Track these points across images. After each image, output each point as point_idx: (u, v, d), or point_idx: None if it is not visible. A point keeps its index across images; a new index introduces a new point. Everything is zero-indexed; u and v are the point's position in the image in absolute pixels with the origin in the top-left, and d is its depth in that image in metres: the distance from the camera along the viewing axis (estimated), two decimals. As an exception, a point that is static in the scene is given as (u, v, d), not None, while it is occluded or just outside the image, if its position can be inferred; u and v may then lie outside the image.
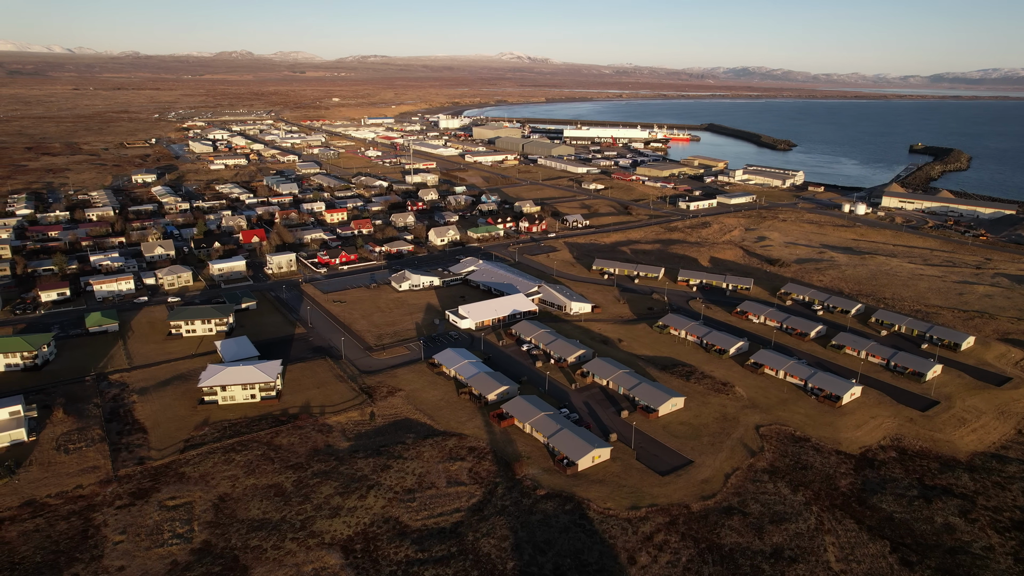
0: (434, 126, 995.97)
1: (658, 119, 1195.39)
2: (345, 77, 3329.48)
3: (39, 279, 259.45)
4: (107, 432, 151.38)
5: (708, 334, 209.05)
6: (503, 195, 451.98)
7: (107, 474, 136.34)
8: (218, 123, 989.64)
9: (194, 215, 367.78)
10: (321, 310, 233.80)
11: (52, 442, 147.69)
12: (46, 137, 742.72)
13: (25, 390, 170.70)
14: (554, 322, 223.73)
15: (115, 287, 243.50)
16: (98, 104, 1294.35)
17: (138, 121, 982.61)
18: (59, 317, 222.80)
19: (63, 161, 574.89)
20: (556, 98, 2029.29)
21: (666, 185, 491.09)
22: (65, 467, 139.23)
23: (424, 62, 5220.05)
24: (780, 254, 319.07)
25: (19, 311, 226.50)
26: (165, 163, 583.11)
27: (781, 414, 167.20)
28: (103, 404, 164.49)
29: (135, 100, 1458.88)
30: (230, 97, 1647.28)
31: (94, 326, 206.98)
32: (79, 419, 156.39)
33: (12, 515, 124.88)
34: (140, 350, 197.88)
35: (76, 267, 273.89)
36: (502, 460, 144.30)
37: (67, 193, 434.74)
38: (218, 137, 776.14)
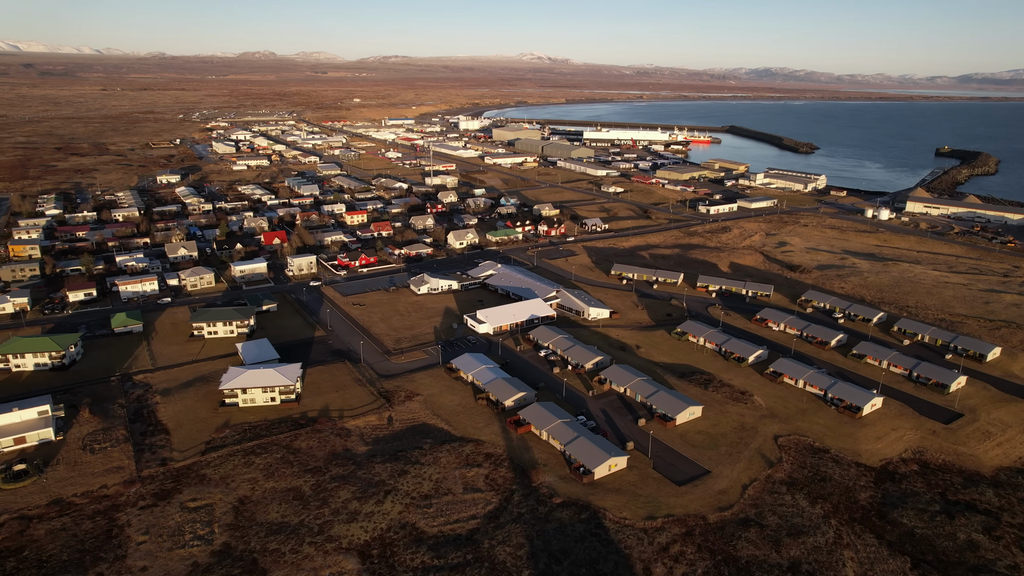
0: (454, 127, 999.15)
1: (679, 121, 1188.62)
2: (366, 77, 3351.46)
3: (67, 279, 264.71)
4: (131, 433, 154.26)
5: (727, 341, 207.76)
6: (522, 198, 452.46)
7: (131, 474, 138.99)
8: (241, 124, 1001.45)
9: (217, 216, 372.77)
10: (341, 313, 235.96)
11: (78, 442, 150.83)
12: (75, 138, 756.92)
13: (53, 389, 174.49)
14: (572, 327, 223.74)
15: (140, 288, 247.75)
16: (125, 105, 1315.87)
17: (163, 122, 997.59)
18: (86, 317, 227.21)
19: (91, 162, 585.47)
20: (576, 99, 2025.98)
21: (686, 188, 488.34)
22: (91, 467, 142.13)
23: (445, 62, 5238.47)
24: (801, 260, 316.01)
25: (48, 311, 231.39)
26: (189, 164, 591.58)
27: (800, 424, 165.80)
28: (127, 404, 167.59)
29: (161, 100, 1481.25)
30: (253, 97, 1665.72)
31: (119, 327, 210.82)
32: (104, 419, 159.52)
33: (40, 513, 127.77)
34: (163, 351, 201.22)
35: (102, 267, 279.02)
36: (519, 467, 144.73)
37: (94, 193, 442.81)
38: (241, 138, 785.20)
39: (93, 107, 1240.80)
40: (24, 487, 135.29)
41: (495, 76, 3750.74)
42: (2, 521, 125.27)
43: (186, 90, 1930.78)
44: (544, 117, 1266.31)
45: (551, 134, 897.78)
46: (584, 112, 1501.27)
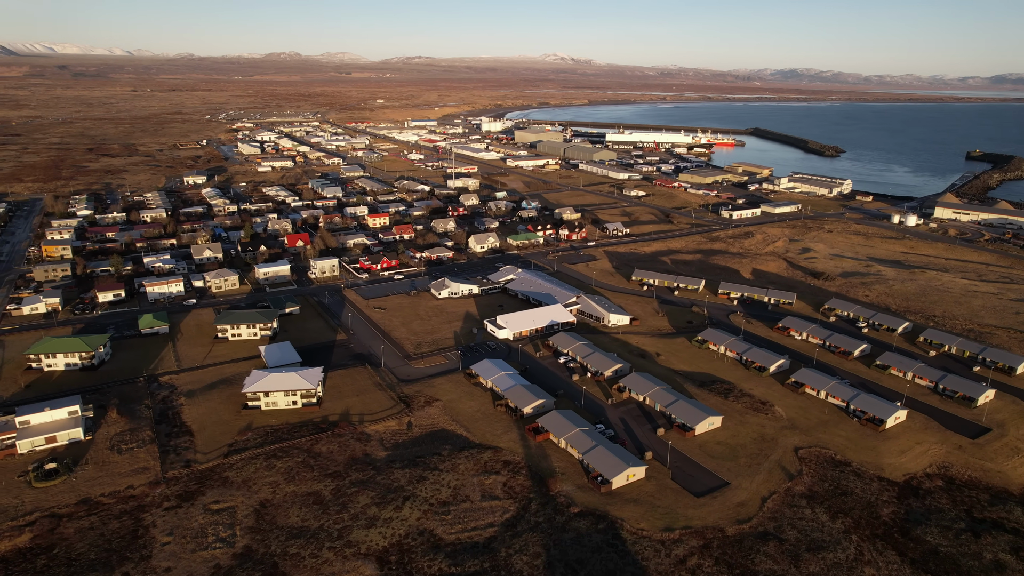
0: (476, 129, 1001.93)
1: (702, 123, 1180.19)
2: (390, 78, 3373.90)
3: (97, 280, 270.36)
4: (156, 434, 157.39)
5: (748, 350, 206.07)
6: (544, 201, 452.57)
7: (156, 475, 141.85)
8: (266, 124, 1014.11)
9: (241, 218, 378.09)
10: (362, 316, 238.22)
11: (106, 442, 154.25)
12: (106, 138, 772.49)
13: (83, 389, 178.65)
14: (592, 334, 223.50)
15: (166, 289, 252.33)
16: (154, 106, 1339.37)
17: (191, 122, 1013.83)
18: (114, 318, 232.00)
19: (121, 162, 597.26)
20: (599, 100, 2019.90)
21: (709, 192, 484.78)
22: (118, 467, 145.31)
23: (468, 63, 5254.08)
24: (825, 267, 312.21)
25: (79, 311, 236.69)
26: (215, 164, 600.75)
27: (821, 436, 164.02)
28: (153, 406, 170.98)
29: (188, 101, 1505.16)
30: (278, 98, 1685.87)
31: (146, 328, 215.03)
32: (131, 420, 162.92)
33: (69, 512, 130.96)
34: (188, 353, 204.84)
35: (130, 268, 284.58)
36: (536, 475, 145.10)
37: (124, 194, 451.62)
38: (266, 139, 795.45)
39: (123, 108, 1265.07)
40: (55, 486, 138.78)
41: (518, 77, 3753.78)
42: (34, 519, 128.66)
43: (213, 91, 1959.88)
44: (566, 119, 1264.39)
45: (573, 136, 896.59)
46: (607, 114, 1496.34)
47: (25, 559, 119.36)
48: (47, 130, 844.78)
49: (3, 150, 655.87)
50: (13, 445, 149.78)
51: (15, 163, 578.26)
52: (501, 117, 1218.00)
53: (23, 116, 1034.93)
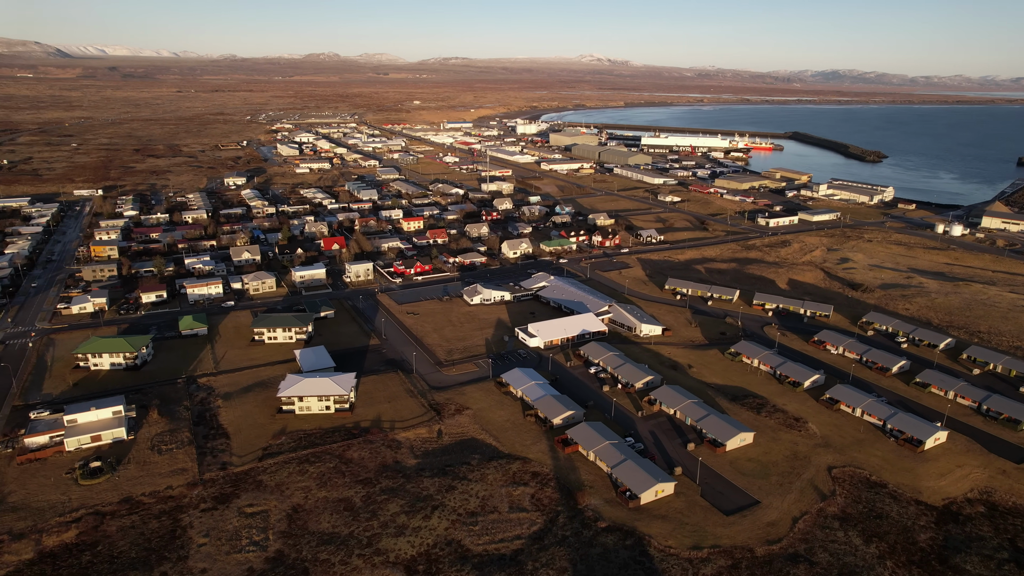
0: (511, 131, 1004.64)
1: (740, 126, 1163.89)
2: (427, 79, 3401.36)
3: (141, 280, 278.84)
4: (194, 435, 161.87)
5: (782, 364, 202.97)
6: (577, 205, 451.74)
7: (194, 477, 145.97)
8: (304, 125, 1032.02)
9: (280, 220, 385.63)
10: (395, 321, 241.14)
11: (147, 442, 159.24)
12: (152, 139, 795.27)
13: (126, 389, 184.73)
14: (623, 344, 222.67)
15: (206, 291, 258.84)
16: (198, 106, 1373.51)
17: (232, 123, 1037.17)
18: (156, 318, 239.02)
19: (165, 163, 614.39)
20: (635, 102, 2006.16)
21: (745, 199, 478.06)
22: (158, 467, 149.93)
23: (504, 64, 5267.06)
24: (864, 278, 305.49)
25: (123, 311, 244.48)
26: (255, 165, 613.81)
27: (856, 456, 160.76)
28: (192, 407, 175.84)
29: (230, 102, 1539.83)
30: (317, 99, 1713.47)
31: (186, 329, 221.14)
32: (171, 421, 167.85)
33: (112, 510, 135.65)
34: (226, 355, 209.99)
35: (172, 269, 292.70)
36: (565, 488, 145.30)
37: (167, 195, 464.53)
38: (304, 140, 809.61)
39: (169, 109, 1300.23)
40: (99, 484, 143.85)
41: (554, 78, 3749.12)
42: (79, 516, 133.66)
43: (254, 91, 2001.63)
44: (602, 121, 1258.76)
45: (608, 139, 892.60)
46: (643, 116, 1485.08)
47: (71, 555, 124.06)
48: (97, 131, 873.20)
49: (57, 150, 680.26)
50: (61, 443, 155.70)
51: (68, 163, 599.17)
52: (536, 119, 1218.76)
53: (76, 117, 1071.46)
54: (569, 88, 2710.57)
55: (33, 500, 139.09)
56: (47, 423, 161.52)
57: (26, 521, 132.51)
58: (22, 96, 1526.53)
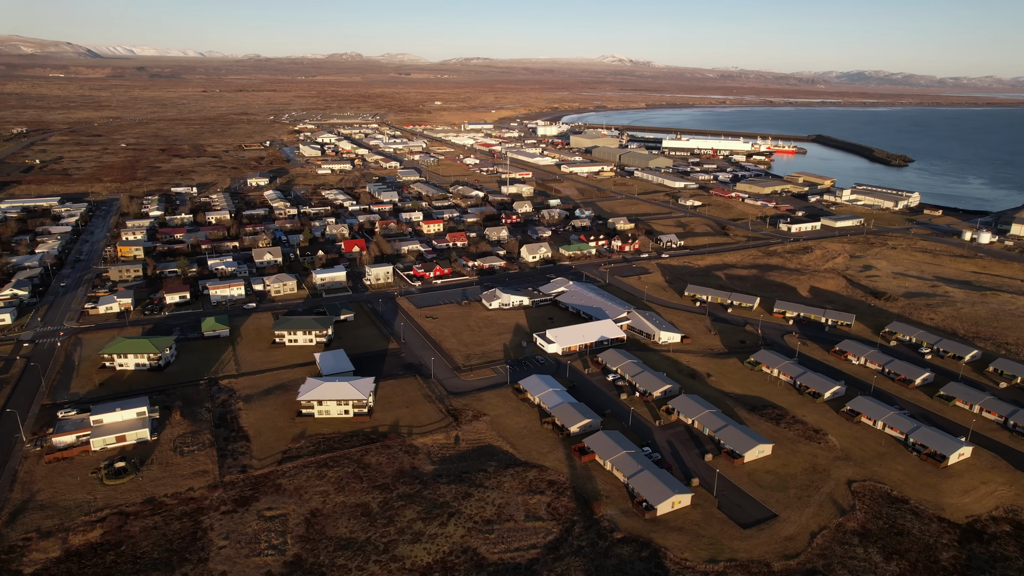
0: (532, 133, 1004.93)
1: (762, 128, 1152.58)
2: (448, 79, 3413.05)
3: (165, 281, 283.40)
4: (215, 437, 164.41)
5: (802, 375, 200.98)
6: (597, 209, 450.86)
7: (214, 479, 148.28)
8: (326, 126, 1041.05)
9: (301, 221, 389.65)
10: (414, 325, 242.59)
11: (170, 443, 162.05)
12: (177, 139, 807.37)
13: (150, 389, 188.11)
14: (641, 351, 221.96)
15: (228, 292, 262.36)
16: (222, 106, 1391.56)
17: (255, 123, 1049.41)
18: (180, 319, 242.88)
19: (190, 163, 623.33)
20: (656, 104, 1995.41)
21: (767, 204, 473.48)
22: (180, 469, 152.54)
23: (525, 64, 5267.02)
24: (887, 286, 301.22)
25: (148, 311, 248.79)
26: (277, 166, 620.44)
27: (877, 470, 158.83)
28: (213, 409, 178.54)
29: (254, 102, 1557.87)
30: (339, 99, 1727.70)
31: (209, 331, 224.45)
32: (193, 422, 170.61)
33: (136, 511, 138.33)
34: (247, 357, 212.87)
35: (195, 271, 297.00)
36: (581, 497, 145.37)
37: (191, 195, 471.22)
38: (326, 141, 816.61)
39: (194, 108, 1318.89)
40: (123, 484, 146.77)
41: (575, 79, 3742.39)
42: (104, 516, 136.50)
43: (277, 91, 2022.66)
44: (623, 123, 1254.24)
45: (629, 141, 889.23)
46: (664, 118, 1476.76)
47: (96, 554, 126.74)
48: (125, 131, 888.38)
49: (86, 150, 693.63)
50: (87, 442, 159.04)
51: (96, 163, 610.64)
52: (557, 121, 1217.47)
53: (104, 117, 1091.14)
54: (590, 89, 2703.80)
55: (60, 499, 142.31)
56: (74, 423, 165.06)
57: (53, 519, 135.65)
58: (54, 96, 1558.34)
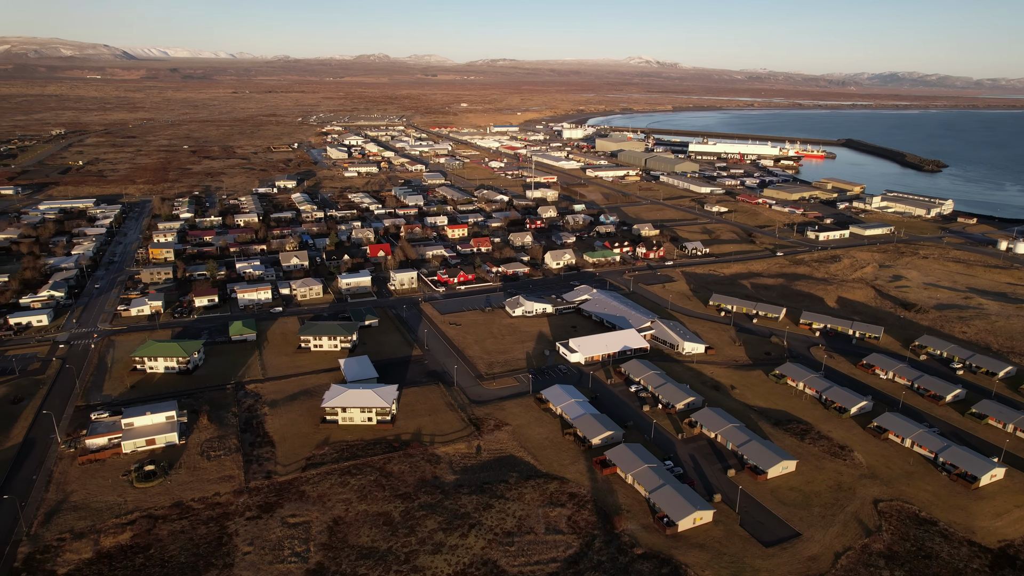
0: (557, 136, 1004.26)
1: (790, 132, 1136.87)
2: (474, 81, 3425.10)
3: (194, 284, 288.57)
4: (241, 443, 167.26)
5: (828, 389, 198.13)
6: (622, 214, 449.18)
7: (240, 484, 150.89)
8: (354, 128, 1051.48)
9: (328, 225, 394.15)
10: (437, 331, 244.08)
11: (197, 447, 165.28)
12: (207, 140, 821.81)
13: (178, 392, 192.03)
14: (665, 361, 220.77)
15: (255, 296, 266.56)
16: (251, 108, 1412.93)
17: (284, 124, 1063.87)
18: (208, 323, 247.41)
19: (220, 165, 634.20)
20: (683, 106, 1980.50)
21: (794, 211, 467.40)
22: (207, 473, 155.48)
23: (552, 66, 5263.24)
24: (917, 297, 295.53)
25: (177, 314, 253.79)
26: (305, 168, 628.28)
27: (905, 489, 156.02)
28: (239, 414, 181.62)
29: (283, 103, 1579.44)
30: (366, 100, 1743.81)
31: (236, 335, 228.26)
32: (220, 427, 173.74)
33: (164, 514, 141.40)
34: (273, 361, 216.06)
35: (224, 273, 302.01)
36: (602, 511, 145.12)
37: (220, 198, 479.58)
38: (353, 143, 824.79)
39: (224, 110, 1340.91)
40: (152, 487, 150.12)
41: (602, 80, 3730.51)
42: (134, 518, 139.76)
43: (306, 92, 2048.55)
44: (649, 126, 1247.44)
45: (655, 145, 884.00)
46: (691, 121, 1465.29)
47: (126, 556, 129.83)
48: (158, 132, 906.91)
49: (120, 151, 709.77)
50: (119, 445, 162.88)
51: (130, 165, 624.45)
52: (583, 123, 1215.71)
53: (139, 118, 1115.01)
54: (616, 91, 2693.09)
55: (92, 500, 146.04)
56: (106, 425, 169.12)
57: (86, 521, 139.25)
58: (91, 97, 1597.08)
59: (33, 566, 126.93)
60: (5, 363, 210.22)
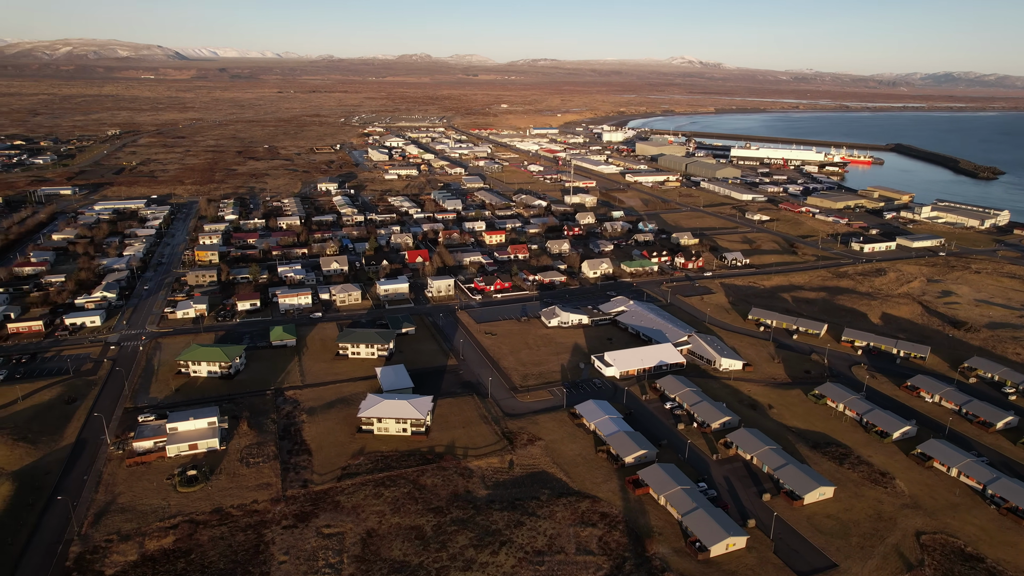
0: (597, 138, 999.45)
1: (836, 136, 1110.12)
2: (515, 81, 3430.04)
3: (237, 287, 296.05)
4: (279, 450, 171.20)
5: (870, 411, 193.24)
6: (661, 222, 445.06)
7: (277, 493, 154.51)
8: (395, 129, 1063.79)
9: (367, 229, 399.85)
10: (473, 341, 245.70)
11: (237, 453, 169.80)
12: (253, 141, 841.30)
13: (220, 397, 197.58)
14: (701, 377, 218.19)
15: (296, 301, 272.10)
16: (295, 108, 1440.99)
17: (327, 125, 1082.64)
18: (250, 326, 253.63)
19: (264, 166, 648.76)
20: (726, 108, 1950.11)
21: (839, 220, 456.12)
22: (246, 480, 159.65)
23: (592, 66, 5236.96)
24: (968, 315, 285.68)
25: (220, 317, 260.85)
26: (347, 170, 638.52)
27: (950, 522, 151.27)
28: (278, 420, 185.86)
29: (326, 103, 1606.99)
30: (408, 100, 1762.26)
31: (276, 340, 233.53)
32: (259, 433, 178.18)
33: (205, 520, 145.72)
34: (312, 368, 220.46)
35: (266, 277, 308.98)
36: (633, 532, 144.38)
37: (264, 199, 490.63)
38: (393, 145, 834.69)
39: (269, 110, 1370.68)
40: (194, 492, 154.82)
41: (643, 81, 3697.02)
42: (176, 523, 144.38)
43: (349, 92, 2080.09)
44: (690, 129, 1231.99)
45: (696, 149, 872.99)
46: (733, 123, 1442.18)
47: (168, 560, 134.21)
48: (206, 133, 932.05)
49: (171, 152, 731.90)
50: (163, 449, 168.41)
51: (179, 165, 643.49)
52: (623, 126, 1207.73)
53: (188, 119, 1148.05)
54: (658, 92, 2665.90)
55: (138, 503, 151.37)
56: (153, 429, 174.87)
57: (132, 523, 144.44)
58: (144, 98, 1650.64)
59: (83, 566, 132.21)
60: (60, 363, 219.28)
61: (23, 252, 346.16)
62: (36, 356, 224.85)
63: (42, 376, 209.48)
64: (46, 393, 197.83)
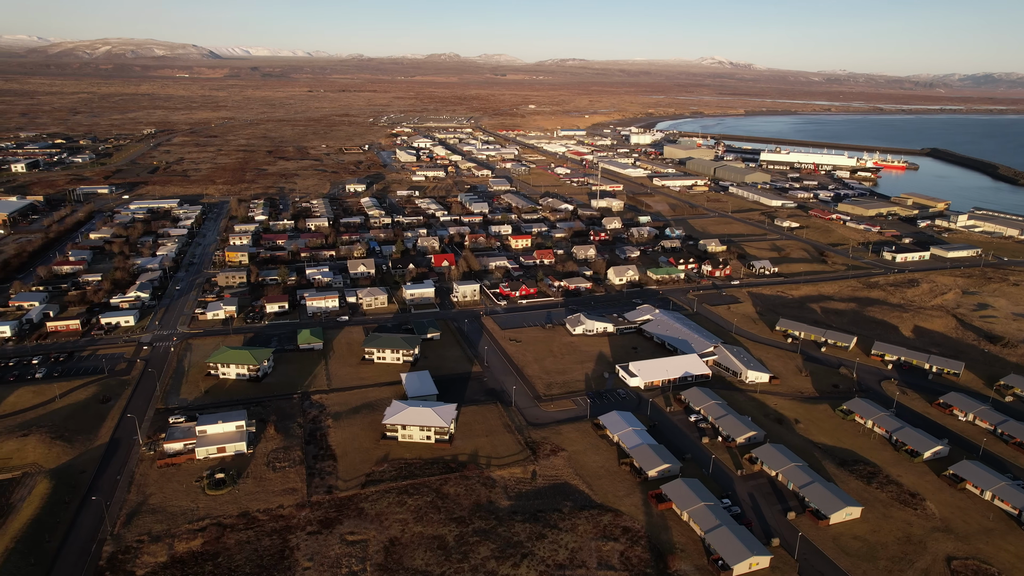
0: (625, 140, 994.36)
1: (869, 140, 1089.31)
2: (543, 81, 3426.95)
3: (266, 289, 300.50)
4: (305, 455, 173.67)
5: (900, 429, 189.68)
6: (688, 227, 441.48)
7: (302, 498, 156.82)
8: (422, 129, 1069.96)
9: (394, 232, 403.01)
10: (497, 348, 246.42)
11: (264, 457, 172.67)
12: (283, 140, 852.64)
13: (248, 400, 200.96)
14: (727, 390, 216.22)
15: (323, 304, 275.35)
16: (325, 107, 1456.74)
17: (356, 125, 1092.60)
18: (278, 329, 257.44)
19: (294, 166, 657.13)
20: (756, 110, 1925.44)
21: (870, 228, 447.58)
22: (272, 484, 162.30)
23: (621, 66, 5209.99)
24: (1005, 329, 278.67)
25: (249, 319, 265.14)
26: (374, 171, 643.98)
27: (983, 548, 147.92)
28: (304, 424, 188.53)
29: (355, 103, 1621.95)
30: (436, 100, 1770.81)
31: (304, 343, 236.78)
32: (285, 437, 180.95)
33: (232, 523, 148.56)
34: (338, 372, 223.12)
35: (294, 279, 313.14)
36: (655, 548, 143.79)
37: (293, 200, 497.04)
38: (421, 146, 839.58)
39: (299, 109, 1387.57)
40: (222, 495, 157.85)
41: (672, 81, 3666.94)
42: (204, 525, 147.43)
43: (377, 92, 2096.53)
44: (719, 131, 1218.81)
45: (725, 152, 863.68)
46: (764, 126, 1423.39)
47: (197, 562, 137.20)
48: (237, 132, 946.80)
49: (203, 151, 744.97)
50: (193, 451, 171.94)
51: (211, 165, 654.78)
52: (651, 128, 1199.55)
53: (221, 117, 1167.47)
54: (687, 93, 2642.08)
55: (168, 504, 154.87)
56: (183, 431, 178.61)
57: (162, 524, 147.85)
58: (179, 96, 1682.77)
59: (116, 566, 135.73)
60: (96, 362, 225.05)
61: (63, 250, 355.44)
62: (73, 355, 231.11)
63: (78, 375, 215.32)
64: (82, 392, 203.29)
